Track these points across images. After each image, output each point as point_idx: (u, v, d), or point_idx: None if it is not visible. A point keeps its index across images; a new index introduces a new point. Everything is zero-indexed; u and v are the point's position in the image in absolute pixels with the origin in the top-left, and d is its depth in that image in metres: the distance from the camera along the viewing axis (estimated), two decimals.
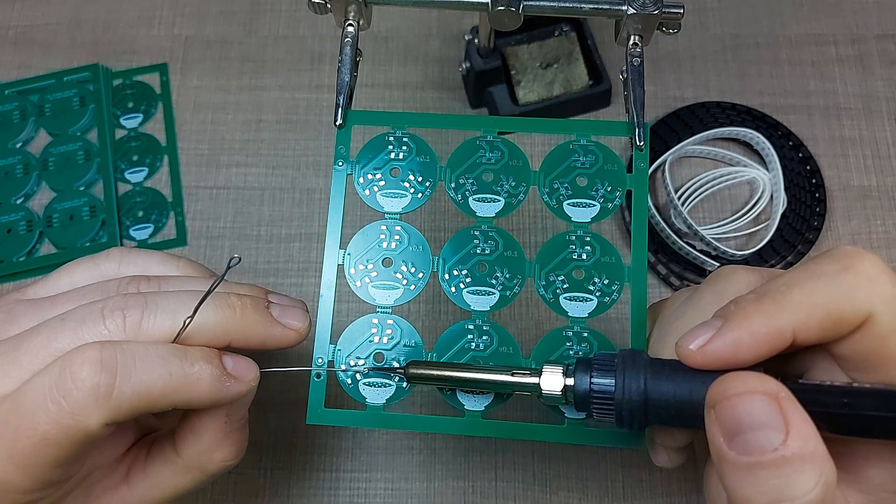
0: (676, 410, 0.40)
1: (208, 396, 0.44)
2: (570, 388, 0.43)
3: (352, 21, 0.56)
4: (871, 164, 0.74)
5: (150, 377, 0.42)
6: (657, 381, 0.40)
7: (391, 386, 0.49)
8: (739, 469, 0.34)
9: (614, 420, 0.42)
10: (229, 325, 0.46)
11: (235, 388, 0.45)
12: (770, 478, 0.33)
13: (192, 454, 0.47)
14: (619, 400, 0.41)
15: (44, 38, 0.82)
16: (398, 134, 0.53)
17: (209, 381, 0.43)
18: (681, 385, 0.40)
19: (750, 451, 0.34)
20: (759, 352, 0.38)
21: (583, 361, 0.43)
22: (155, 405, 0.42)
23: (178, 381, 0.42)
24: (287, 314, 0.49)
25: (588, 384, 0.42)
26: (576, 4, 0.55)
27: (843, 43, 0.79)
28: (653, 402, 0.40)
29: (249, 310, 0.47)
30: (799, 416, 0.34)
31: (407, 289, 0.50)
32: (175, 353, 0.43)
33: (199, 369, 0.43)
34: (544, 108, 0.74)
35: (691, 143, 0.73)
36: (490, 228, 0.51)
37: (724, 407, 0.35)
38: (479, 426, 0.48)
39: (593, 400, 0.42)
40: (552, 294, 0.49)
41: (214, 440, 0.47)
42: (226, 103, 0.78)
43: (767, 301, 0.38)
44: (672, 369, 0.41)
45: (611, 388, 0.41)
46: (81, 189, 0.75)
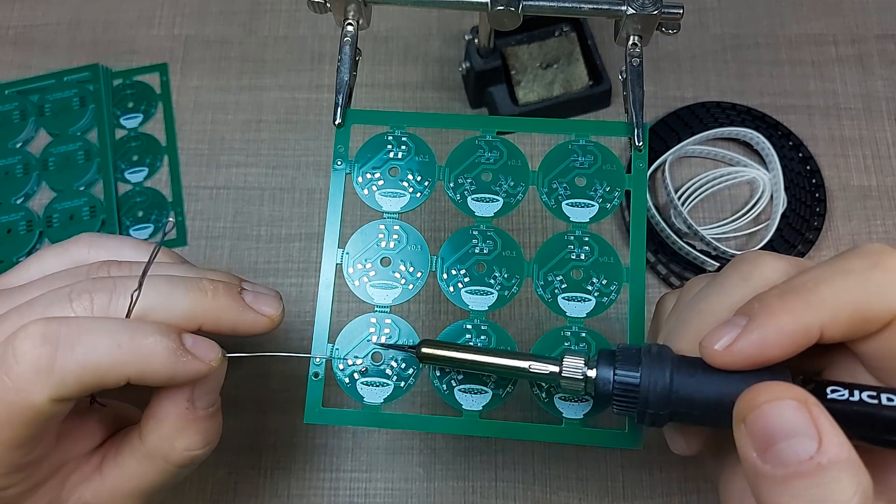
0: (701, 410, 0.39)
1: (163, 371, 0.43)
2: (590, 380, 0.42)
3: (351, 20, 0.56)
4: (871, 164, 0.74)
5: (96, 349, 0.41)
6: (683, 377, 0.39)
7: (389, 385, 0.48)
8: (776, 482, 0.33)
9: (635, 415, 0.41)
10: (199, 307, 0.46)
11: (193, 366, 0.44)
12: (809, 487, 0.32)
13: (154, 440, 0.46)
14: (644, 395, 0.40)
15: (44, 38, 0.82)
16: (397, 133, 0.53)
17: (163, 355, 0.42)
18: (707, 384, 0.39)
19: (785, 463, 0.33)
20: (785, 350, 0.37)
21: (606, 353, 0.42)
22: (104, 378, 0.42)
23: (128, 352, 0.42)
24: (260, 300, 0.48)
25: (612, 377, 0.41)
26: (575, 4, 0.55)
27: (843, 43, 0.79)
28: (677, 400, 0.39)
29: (221, 294, 0.47)
30: (829, 422, 0.33)
31: (405, 288, 0.50)
32: (126, 326, 0.43)
33: (153, 342, 0.42)
34: (544, 108, 0.74)
35: (691, 143, 0.73)
36: (489, 228, 0.51)
37: (754, 417, 0.34)
38: (477, 426, 0.48)
39: (616, 393, 0.41)
40: (550, 294, 0.49)
41: (176, 426, 0.46)
42: (226, 103, 0.78)
43: (793, 297, 0.38)
44: (698, 367, 0.40)
45: (635, 383, 0.40)
46: (81, 189, 0.75)
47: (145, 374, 0.42)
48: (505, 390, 0.48)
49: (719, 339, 0.38)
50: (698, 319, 0.42)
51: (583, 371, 0.43)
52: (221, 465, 0.66)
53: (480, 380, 0.48)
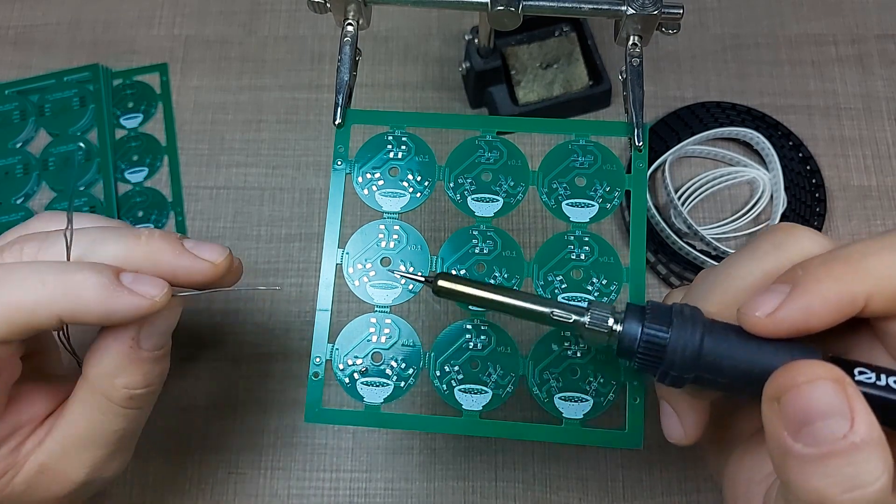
0: (728, 377, 0.38)
1: (95, 307, 0.42)
2: (615, 333, 0.41)
3: (351, 20, 0.56)
4: (871, 164, 0.74)
5: (20, 288, 0.41)
6: (715, 342, 0.38)
7: (389, 385, 0.48)
8: (808, 461, 0.33)
9: (656, 373, 0.40)
10: (132, 251, 0.45)
11: (132, 301, 0.42)
12: (842, 466, 0.32)
13: (95, 376, 0.45)
14: (671, 355, 0.39)
15: (44, 38, 0.82)
16: (397, 133, 0.53)
17: (94, 290, 0.42)
18: (739, 351, 0.38)
19: (819, 442, 0.33)
20: (830, 318, 0.37)
21: (635, 308, 0.42)
22: (33, 318, 0.41)
23: (56, 289, 0.41)
24: (201, 247, 0.48)
25: (640, 331, 0.40)
26: (575, 4, 0.55)
27: (843, 43, 0.79)
28: (705, 364, 0.39)
29: (156, 238, 0.46)
30: (861, 402, 0.33)
31: (405, 288, 0.50)
32: (54, 266, 0.43)
33: (83, 277, 0.42)
34: (544, 108, 0.74)
35: (691, 143, 0.73)
36: (489, 228, 0.51)
37: (791, 398, 0.34)
38: (477, 426, 0.48)
39: (641, 350, 0.40)
40: (550, 294, 0.49)
41: (117, 363, 0.45)
42: (226, 103, 0.78)
43: (841, 266, 0.37)
44: (730, 332, 0.39)
45: (664, 340, 0.39)
46: (81, 189, 0.75)
47: (77, 311, 0.42)
48: (505, 390, 0.48)
49: (761, 305, 0.37)
50: (730, 283, 0.41)
51: (609, 323, 0.42)
52: (221, 465, 0.66)
53: (480, 380, 0.48)
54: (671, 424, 0.44)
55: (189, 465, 0.65)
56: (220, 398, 0.67)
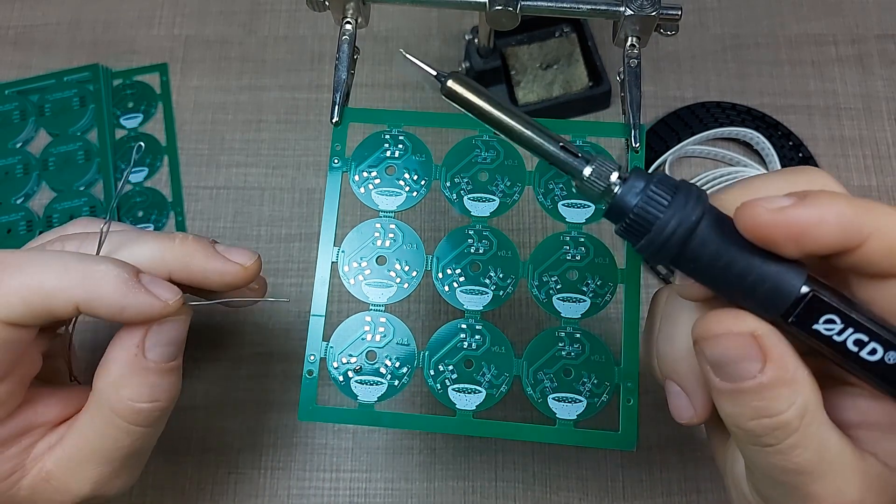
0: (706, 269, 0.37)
1: (111, 298, 0.43)
2: (614, 187, 0.39)
3: (350, 19, 0.56)
4: (871, 164, 0.74)
5: (44, 271, 0.42)
6: (710, 224, 0.37)
7: (383, 384, 0.48)
8: (726, 394, 0.37)
9: (642, 243, 0.38)
10: (167, 252, 0.46)
11: (145, 299, 0.43)
12: (751, 400, 0.36)
13: (101, 386, 0.46)
14: (663, 225, 0.37)
15: (44, 38, 0.82)
16: (394, 132, 0.53)
17: (113, 283, 0.43)
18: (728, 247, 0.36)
19: (732, 380, 0.37)
20: (835, 236, 0.35)
21: (640, 171, 0.39)
22: (53, 301, 0.42)
23: (76, 275, 0.42)
24: (232, 251, 0.49)
25: (638, 193, 0.38)
26: (573, 5, 0.55)
27: (843, 43, 0.79)
28: (694, 246, 0.37)
29: (190, 241, 0.47)
30: (779, 349, 0.36)
31: (400, 287, 0.50)
32: (79, 255, 0.44)
33: (104, 269, 0.43)
34: (544, 108, 0.74)
35: (691, 143, 0.73)
36: (484, 228, 0.51)
37: (708, 345, 0.37)
38: (470, 426, 0.48)
39: (634, 212, 0.38)
40: (545, 294, 0.49)
41: (122, 372, 0.45)
42: (226, 103, 0.78)
43: (854, 199, 0.36)
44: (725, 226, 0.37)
45: (662, 208, 0.37)
46: (81, 189, 0.75)
47: (93, 301, 0.43)
48: (499, 390, 0.48)
49: (770, 200, 0.36)
50: (744, 185, 0.40)
51: (608, 178, 0.39)
52: (221, 465, 0.66)
53: (474, 379, 0.48)
54: (680, 404, 0.43)
55: (189, 465, 0.66)
56: (220, 398, 0.67)
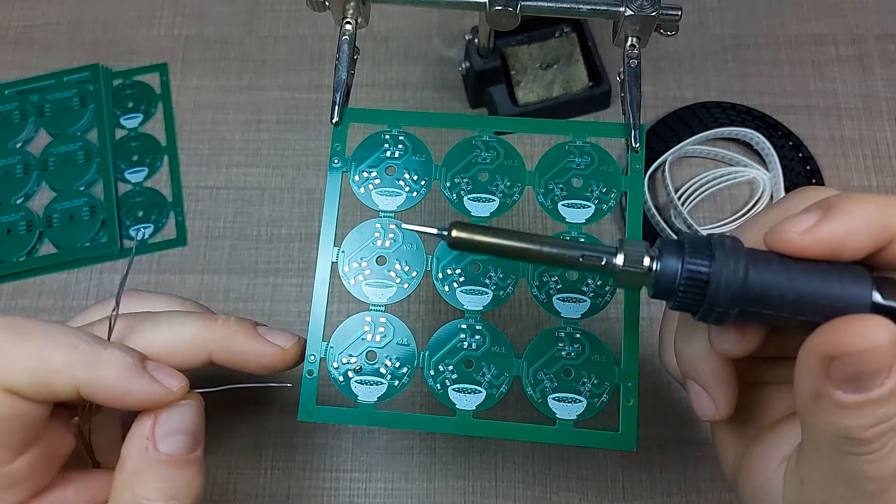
0: (775, 308, 0.36)
1: (113, 383, 0.42)
2: (653, 272, 0.38)
3: (350, 19, 0.56)
4: (871, 164, 0.74)
5: (54, 346, 0.41)
6: (760, 270, 0.36)
7: (383, 384, 0.48)
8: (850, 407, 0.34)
9: (697, 311, 0.38)
10: (209, 333, 0.46)
11: (149, 386, 0.43)
12: (877, 408, 0.33)
13: (117, 486, 0.43)
14: (715, 290, 0.36)
15: (44, 38, 0.82)
16: (394, 132, 0.53)
17: (117, 367, 0.42)
18: (784, 278, 0.36)
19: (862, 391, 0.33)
20: (868, 240, 0.36)
21: (670, 243, 0.38)
22: (56, 379, 0.41)
23: (83, 356, 0.42)
24: (273, 333, 0.49)
25: (679, 268, 0.37)
26: (573, 5, 0.55)
27: (843, 43, 0.79)
28: (751, 296, 0.36)
29: (232, 322, 0.47)
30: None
31: (400, 287, 0.50)
32: (89, 336, 0.43)
33: (110, 353, 0.42)
34: (543, 108, 0.74)
35: (691, 143, 0.73)
36: None
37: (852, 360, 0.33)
38: (470, 426, 0.48)
39: (682, 287, 0.37)
40: (545, 294, 0.49)
41: (135, 468, 0.43)
42: (226, 103, 0.78)
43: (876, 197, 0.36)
44: (773, 259, 0.37)
45: (706, 274, 0.36)
46: (81, 189, 0.75)
47: (95, 385, 0.42)
48: (499, 390, 0.48)
49: (797, 222, 0.36)
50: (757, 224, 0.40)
51: (645, 262, 0.38)
52: (221, 465, 0.66)
53: (474, 379, 0.48)
54: (702, 403, 0.43)
55: None
56: (220, 399, 0.67)
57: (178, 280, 0.72)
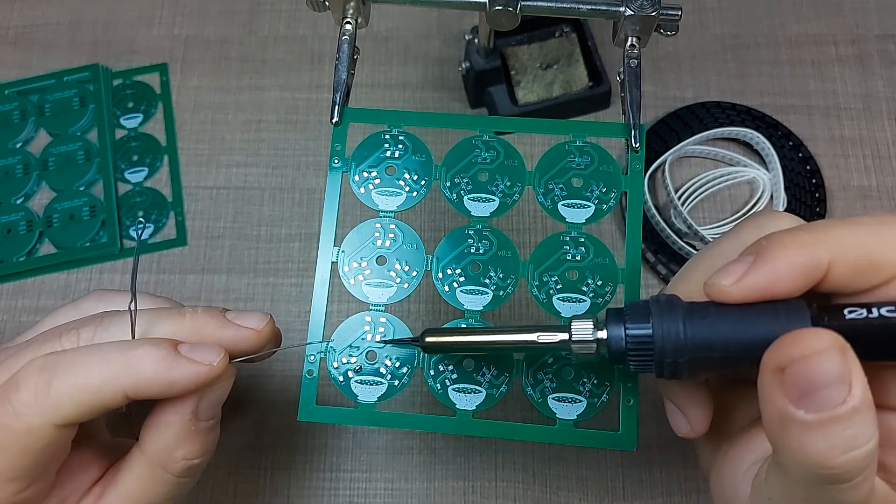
0: (720, 352, 0.38)
1: (157, 378, 0.43)
2: (602, 341, 0.41)
3: (350, 19, 0.56)
4: (871, 164, 0.74)
5: (87, 368, 0.42)
6: (696, 321, 0.38)
7: (383, 384, 0.48)
8: (810, 427, 0.33)
9: (654, 370, 0.40)
10: (179, 329, 0.46)
11: (191, 369, 0.44)
12: (842, 430, 0.33)
13: (154, 450, 0.46)
14: (660, 347, 0.39)
15: (44, 38, 0.82)
16: (394, 132, 0.53)
17: (154, 362, 0.43)
18: (722, 324, 0.38)
19: (822, 408, 0.33)
20: (796, 284, 0.37)
21: (613, 311, 0.42)
22: (100, 397, 0.42)
23: (118, 366, 0.42)
24: (243, 317, 0.49)
25: (623, 334, 0.40)
26: (573, 5, 0.55)
27: (843, 43, 0.79)
28: (694, 345, 0.38)
29: (200, 314, 0.48)
30: (857, 366, 0.34)
31: (400, 287, 0.50)
32: (115, 345, 0.44)
33: (142, 352, 0.43)
34: (543, 108, 0.74)
35: (691, 143, 0.73)
36: (484, 228, 0.51)
37: (798, 368, 0.34)
38: (470, 426, 0.48)
39: (630, 350, 0.40)
40: (545, 294, 0.49)
41: (178, 436, 0.46)
42: (226, 103, 0.78)
43: (804, 233, 0.38)
44: (710, 309, 0.39)
45: (648, 336, 0.39)
46: (81, 189, 0.75)
47: (140, 385, 0.43)
48: (499, 390, 0.48)
49: (728, 275, 0.38)
50: (707, 262, 0.42)
51: (593, 333, 0.42)
52: (221, 465, 0.66)
53: (474, 379, 0.48)
54: (677, 420, 0.45)
55: None
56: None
57: (178, 280, 0.72)
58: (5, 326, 0.71)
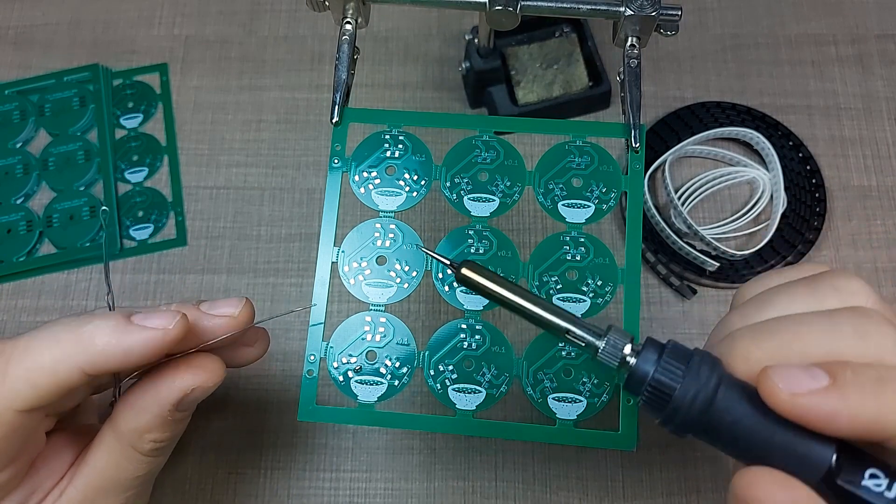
0: (728, 441, 0.37)
1: (109, 347, 0.43)
2: (628, 366, 0.40)
3: (350, 19, 0.56)
4: (871, 164, 0.74)
5: (38, 350, 0.42)
6: (727, 402, 0.36)
7: (383, 384, 0.49)
8: None
9: (659, 417, 0.38)
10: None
11: (145, 335, 0.43)
12: None
13: (126, 430, 0.46)
14: (677, 406, 0.37)
15: (44, 38, 0.82)
16: (394, 132, 0.53)
17: (107, 334, 0.43)
18: (748, 418, 0.36)
19: None
20: (853, 432, 0.34)
21: (653, 344, 0.39)
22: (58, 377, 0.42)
23: (69, 343, 0.42)
24: (217, 305, 0.48)
25: (651, 372, 0.38)
26: (573, 5, 0.55)
27: (843, 43, 0.79)
28: (710, 422, 0.37)
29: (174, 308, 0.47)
30: None
31: (400, 287, 0.50)
32: (64, 322, 0.44)
33: (93, 326, 0.43)
34: (543, 108, 0.74)
35: (691, 143, 0.73)
36: (485, 228, 0.51)
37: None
38: (470, 426, 0.48)
39: (648, 391, 0.38)
40: (545, 295, 0.49)
41: (152, 422, 0.46)
42: (226, 103, 0.78)
43: (891, 393, 0.34)
44: (744, 395, 0.36)
45: (673, 389, 0.37)
46: (81, 189, 0.75)
47: (95, 359, 0.43)
48: (499, 390, 0.48)
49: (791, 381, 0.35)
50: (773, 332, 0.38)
51: (624, 355, 0.40)
52: (221, 465, 0.66)
53: (474, 379, 0.48)
54: None
55: (189, 465, 0.65)
56: (220, 398, 0.67)
57: (178, 280, 0.72)
58: (5, 326, 0.71)
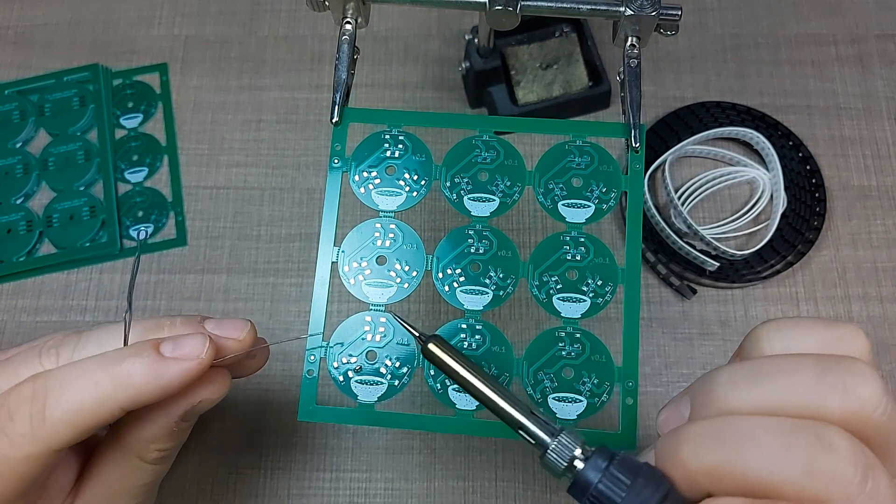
0: None
1: (150, 388, 0.43)
2: (574, 470, 0.39)
3: (350, 19, 0.56)
4: (871, 164, 0.74)
5: (78, 393, 0.42)
6: None
7: (383, 384, 0.48)
8: None
9: None
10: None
11: (180, 368, 0.43)
12: None
13: (132, 441, 0.47)
14: None
15: (44, 38, 0.82)
16: (394, 132, 0.53)
17: (142, 372, 0.42)
18: None
19: None
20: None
21: (602, 452, 0.38)
22: (95, 416, 0.42)
23: (107, 385, 0.42)
24: (223, 326, 0.48)
25: (597, 479, 0.37)
26: (573, 5, 0.55)
27: (843, 43, 0.79)
28: None
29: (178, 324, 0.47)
30: None
31: (400, 287, 0.50)
32: (100, 362, 0.43)
33: (129, 365, 0.43)
34: (543, 108, 0.74)
35: (691, 143, 0.73)
36: (484, 228, 0.51)
37: None
38: (470, 425, 0.48)
39: (591, 499, 0.37)
40: (546, 294, 0.49)
41: (158, 433, 0.46)
42: (226, 103, 0.78)
43: None
44: None
45: (615, 501, 0.36)
46: (81, 189, 0.75)
47: (133, 398, 0.43)
48: None
49: None
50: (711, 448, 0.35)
51: (573, 457, 0.39)
52: (221, 465, 0.66)
53: None
54: None
55: (189, 465, 0.65)
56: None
57: (178, 280, 0.72)
58: (5, 326, 0.71)
